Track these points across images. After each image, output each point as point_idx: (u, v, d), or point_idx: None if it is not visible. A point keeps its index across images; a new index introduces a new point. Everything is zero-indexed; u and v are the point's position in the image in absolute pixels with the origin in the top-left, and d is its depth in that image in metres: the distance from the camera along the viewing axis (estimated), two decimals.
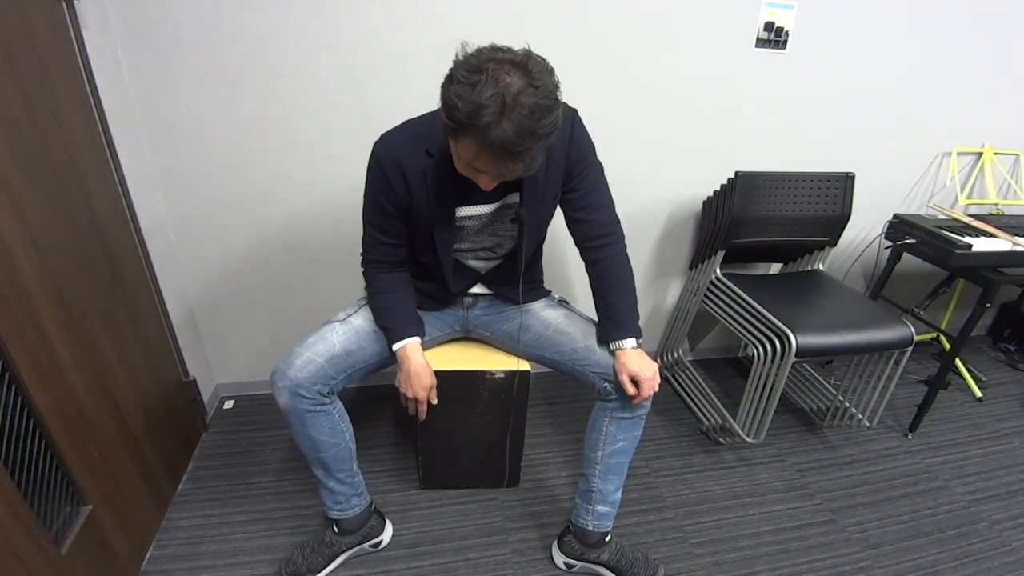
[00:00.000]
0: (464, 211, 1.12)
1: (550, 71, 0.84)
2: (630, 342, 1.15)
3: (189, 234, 1.55)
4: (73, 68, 1.13)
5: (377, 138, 1.08)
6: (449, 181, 1.05)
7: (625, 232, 1.86)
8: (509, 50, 0.84)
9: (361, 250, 1.20)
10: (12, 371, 0.91)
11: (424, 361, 1.18)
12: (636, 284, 1.96)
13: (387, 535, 1.37)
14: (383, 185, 1.07)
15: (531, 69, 0.82)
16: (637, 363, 1.13)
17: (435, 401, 1.21)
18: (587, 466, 1.26)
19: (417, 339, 1.18)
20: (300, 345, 1.14)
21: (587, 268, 1.22)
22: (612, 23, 1.51)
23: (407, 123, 1.09)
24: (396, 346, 1.17)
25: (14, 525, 0.88)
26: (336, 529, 1.29)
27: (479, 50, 0.84)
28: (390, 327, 1.18)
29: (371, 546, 1.34)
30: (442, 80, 0.85)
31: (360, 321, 1.20)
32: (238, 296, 1.68)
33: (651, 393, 1.14)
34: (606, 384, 1.18)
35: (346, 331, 1.17)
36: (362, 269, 1.22)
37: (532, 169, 0.91)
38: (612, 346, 1.17)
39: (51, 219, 1.02)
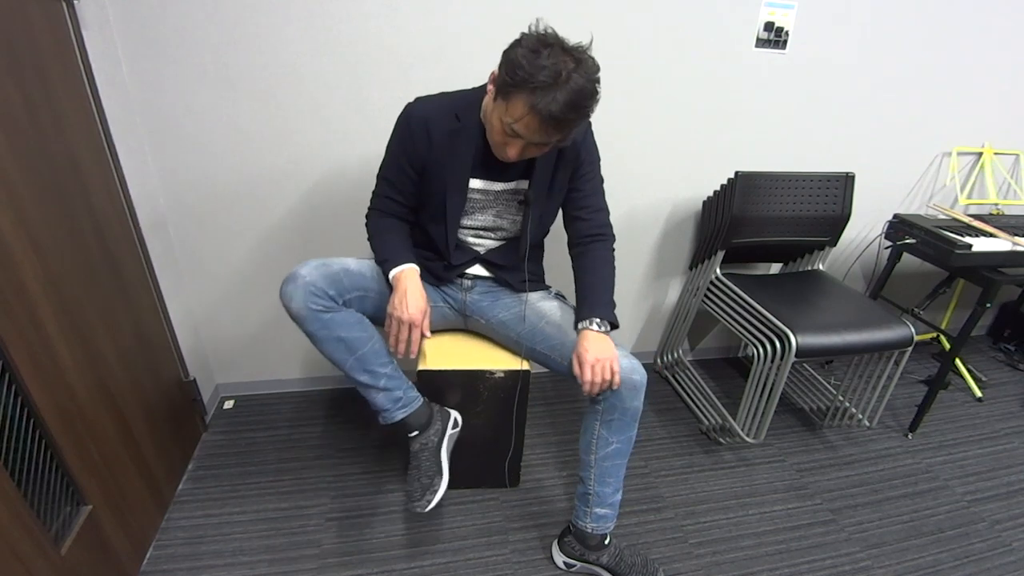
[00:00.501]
0: (476, 183, 1.17)
1: (597, 67, 0.97)
2: (594, 323, 1.13)
3: (189, 234, 1.55)
4: (73, 68, 1.13)
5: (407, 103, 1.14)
6: (470, 150, 1.12)
7: (625, 232, 1.86)
8: (568, 41, 0.96)
9: (369, 208, 1.24)
10: (12, 371, 0.91)
11: (420, 286, 1.14)
12: (636, 284, 1.96)
13: (456, 415, 1.31)
14: (406, 139, 1.12)
15: (584, 60, 0.95)
16: (585, 343, 1.10)
17: (428, 333, 1.13)
18: (583, 469, 1.26)
19: (415, 266, 1.16)
20: (314, 258, 1.13)
21: (574, 263, 1.25)
22: (612, 23, 1.51)
23: (442, 93, 1.15)
24: (393, 271, 1.14)
25: (14, 525, 0.88)
26: (414, 431, 1.21)
27: (547, 32, 0.96)
28: (387, 257, 1.17)
29: (452, 427, 1.28)
30: (507, 46, 0.97)
31: (370, 264, 1.22)
32: (238, 296, 1.68)
33: (596, 379, 1.07)
34: None
35: (359, 262, 1.19)
36: (365, 220, 1.24)
37: (564, 142, 1.05)
38: (579, 327, 1.15)
39: (51, 219, 1.02)
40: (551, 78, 0.91)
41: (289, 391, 1.88)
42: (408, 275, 1.14)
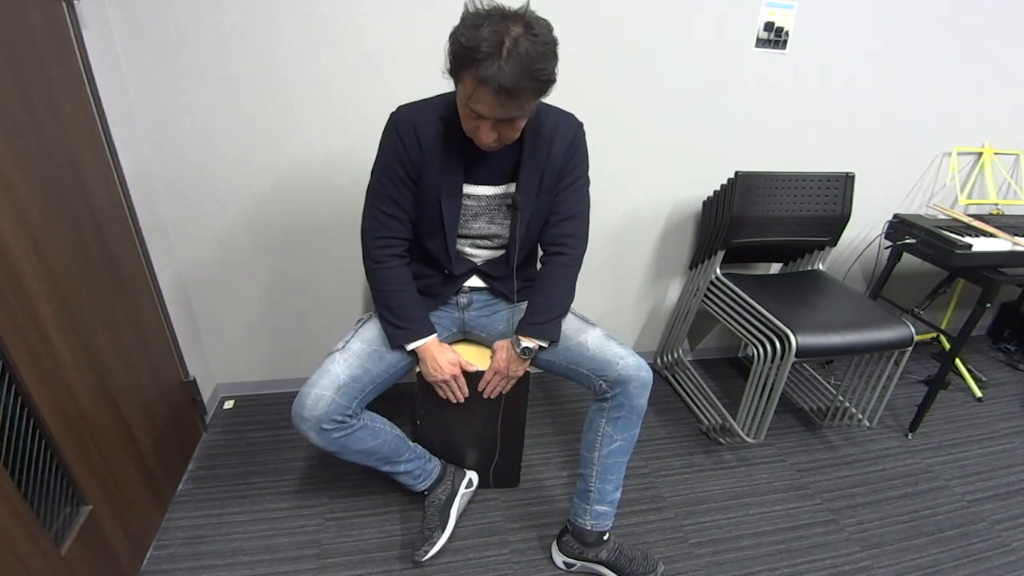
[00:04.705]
0: (468, 189, 1.16)
1: (550, 28, 0.92)
2: (522, 343, 1.20)
3: (189, 234, 1.55)
4: (73, 68, 1.13)
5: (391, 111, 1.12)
6: (459, 152, 1.10)
7: (625, 232, 1.86)
8: (511, 8, 0.92)
9: (362, 238, 1.20)
10: (12, 371, 0.91)
11: (442, 347, 1.24)
12: (636, 284, 1.96)
13: (472, 475, 1.45)
14: (397, 147, 1.10)
15: (531, 21, 0.89)
16: (503, 354, 1.24)
17: (471, 368, 1.27)
18: (584, 466, 1.26)
19: (435, 336, 1.22)
20: (306, 384, 1.13)
21: (538, 272, 1.29)
22: (612, 24, 1.51)
23: (423, 99, 1.13)
24: (414, 345, 1.20)
25: (14, 525, 0.88)
26: (428, 493, 1.38)
27: (486, 3, 0.92)
28: (406, 326, 1.19)
29: (466, 487, 1.42)
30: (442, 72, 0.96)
31: (358, 345, 1.20)
32: (238, 296, 1.68)
33: (493, 388, 1.27)
34: (601, 383, 1.18)
35: (347, 359, 1.17)
36: (365, 261, 1.21)
37: (525, 113, 0.97)
38: (513, 336, 1.23)
39: (51, 219, 1.02)
40: (493, 48, 0.86)
41: (289, 391, 1.88)
42: (431, 347, 1.21)
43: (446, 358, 1.23)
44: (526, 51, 0.87)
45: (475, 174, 1.14)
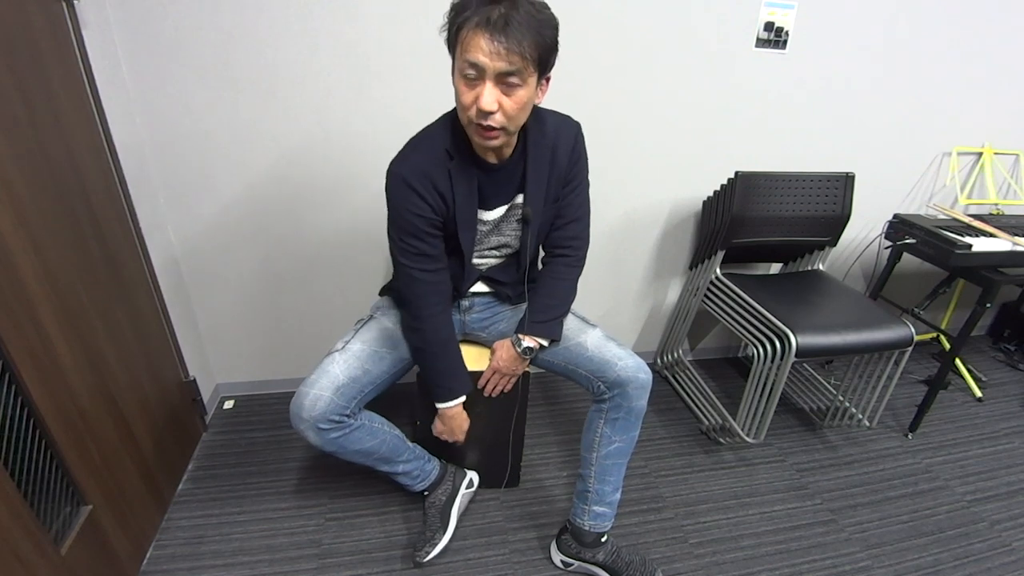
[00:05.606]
0: (481, 215, 1.14)
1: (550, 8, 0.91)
2: (523, 341, 1.21)
3: (189, 234, 1.55)
4: (73, 68, 1.13)
5: (389, 162, 1.07)
6: (472, 182, 1.08)
7: (625, 232, 1.86)
8: None
9: (407, 306, 1.16)
10: (12, 371, 0.91)
11: (463, 411, 1.25)
12: (636, 284, 1.97)
13: (472, 475, 1.45)
14: (418, 205, 1.03)
15: None
16: (502, 353, 1.24)
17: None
18: (584, 466, 1.27)
19: (463, 399, 1.24)
20: (304, 383, 1.13)
21: (539, 273, 1.29)
22: (612, 24, 1.51)
23: (412, 140, 1.08)
24: (446, 405, 1.21)
25: (14, 525, 0.88)
26: (428, 494, 1.38)
27: None
28: (448, 386, 1.21)
29: (466, 488, 1.42)
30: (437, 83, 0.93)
31: (358, 346, 1.20)
32: (238, 296, 1.68)
33: (493, 387, 1.27)
34: (599, 384, 1.18)
35: (346, 359, 1.16)
36: (408, 323, 1.19)
37: (523, 71, 0.89)
38: (513, 336, 1.23)
39: (51, 219, 1.02)
40: (487, 1, 0.86)
41: (289, 391, 1.88)
42: (458, 411, 1.24)
43: (461, 427, 1.26)
44: (525, 8, 0.87)
45: (487, 200, 1.12)
